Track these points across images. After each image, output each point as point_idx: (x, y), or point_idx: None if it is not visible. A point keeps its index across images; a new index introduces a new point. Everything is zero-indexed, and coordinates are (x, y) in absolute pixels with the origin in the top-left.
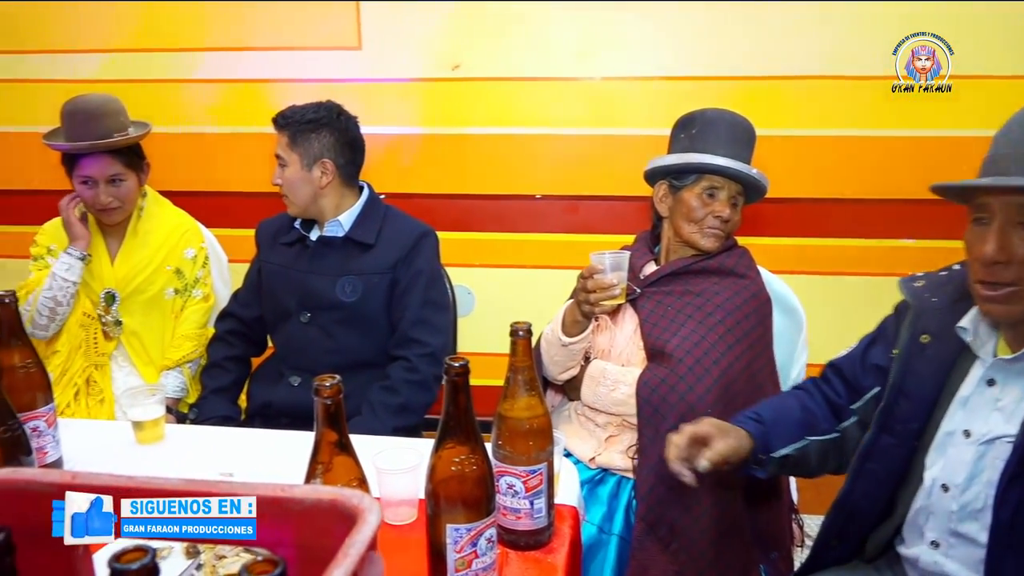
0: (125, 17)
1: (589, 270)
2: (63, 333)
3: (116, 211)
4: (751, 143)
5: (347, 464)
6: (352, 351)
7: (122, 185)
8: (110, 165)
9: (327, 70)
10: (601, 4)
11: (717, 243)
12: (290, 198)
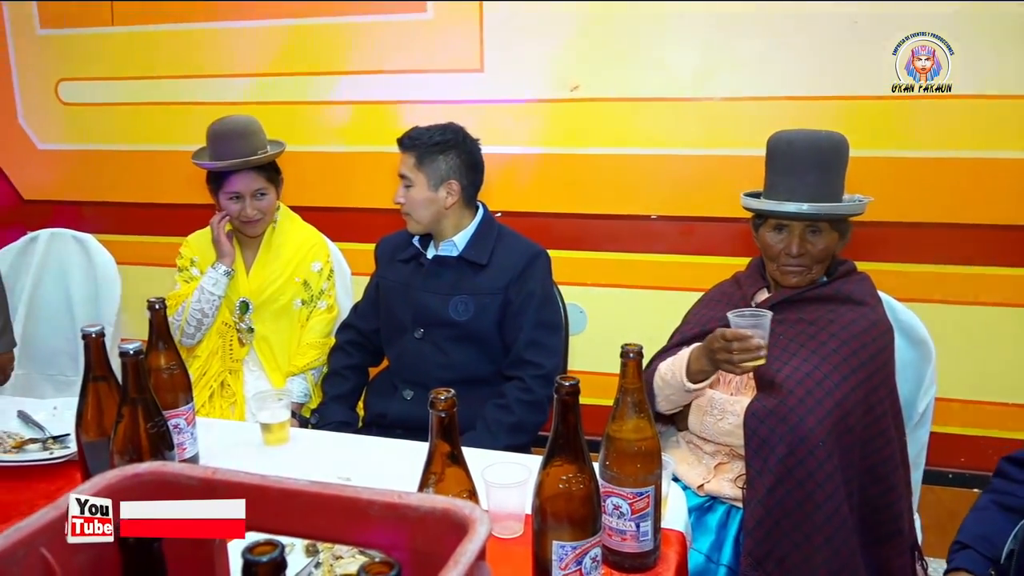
0: (265, 44)
1: (734, 334)
2: (203, 340)
3: (259, 223)
4: (831, 165)
5: (458, 476)
6: (464, 367)
7: (264, 199)
8: (255, 180)
9: (451, 92)
10: (721, 24)
11: (798, 278)
12: (413, 216)
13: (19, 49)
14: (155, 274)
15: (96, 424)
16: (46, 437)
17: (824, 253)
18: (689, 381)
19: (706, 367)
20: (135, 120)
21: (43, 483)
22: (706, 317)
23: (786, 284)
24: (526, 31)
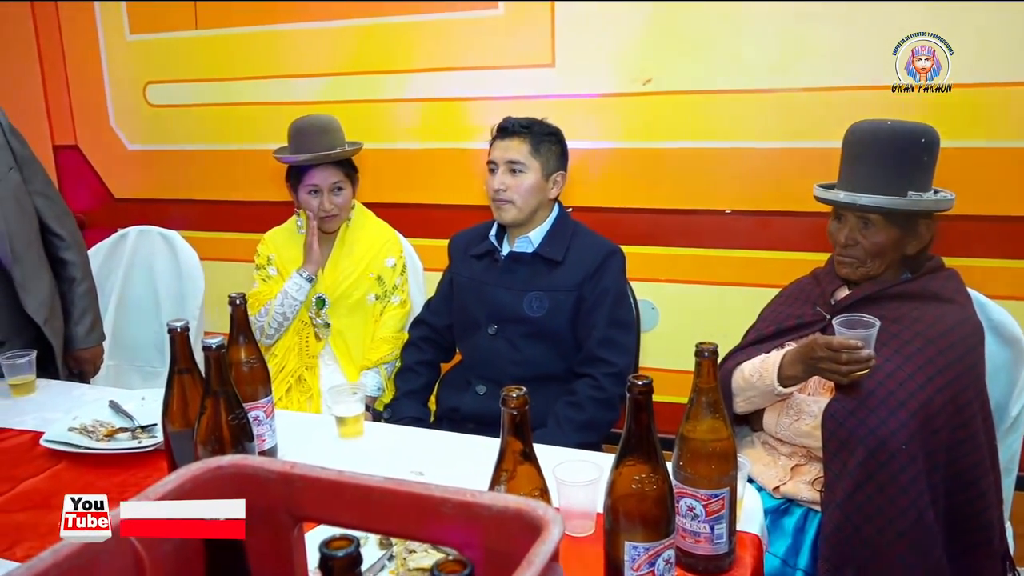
0: (340, 43)
1: (841, 343)
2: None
3: (335, 218)
4: (893, 156)
5: (530, 473)
6: (537, 364)
7: (341, 193)
8: (333, 174)
9: (522, 87)
10: (800, 13)
11: (848, 270)
12: (516, 204)
13: (110, 54)
14: (236, 269)
15: (181, 415)
16: (135, 426)
17: (878, 248)
18: (781, 386)
19: (800, 373)
20: (217, 120)
21: (132, 470)
22: (783, 315)
23: (840, 275)
24: (598, 25)
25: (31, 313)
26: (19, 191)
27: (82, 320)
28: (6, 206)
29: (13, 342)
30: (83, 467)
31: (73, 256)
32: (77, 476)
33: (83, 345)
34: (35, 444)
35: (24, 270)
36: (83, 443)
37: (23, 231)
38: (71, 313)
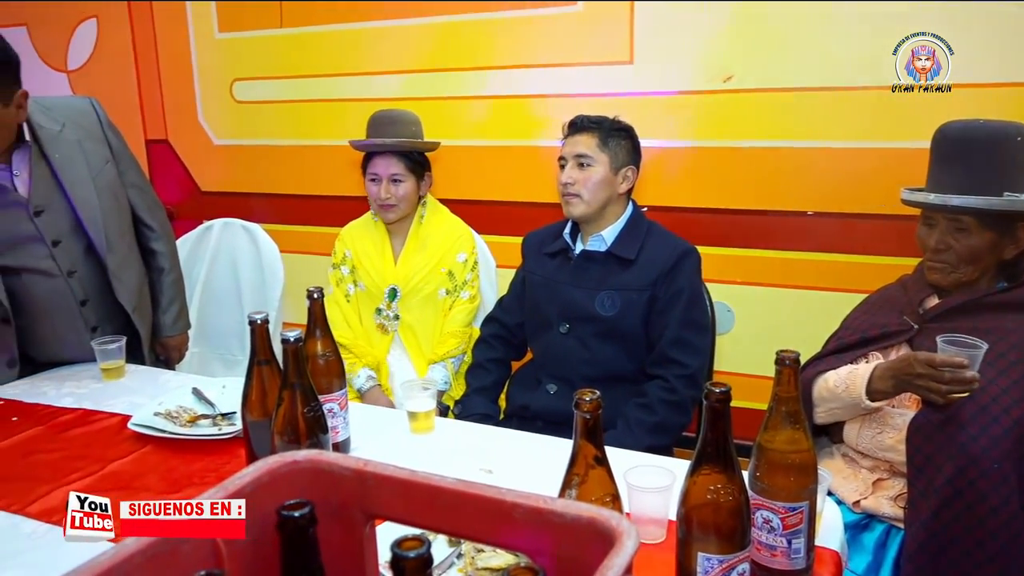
0: (420, 40)
1: (944, 361)
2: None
3: (392, 208)
4: (986, 156)
5: (602, 478)
6: (609, 364)
7: (400, 185)
8: (393, 165)
9: (599, 84)
10: (891, 11)
11: (938, 275)
12: (583, 197)
13: (200, 53)
14: (314, 262)
15: (260, 405)
16: (216, 414)
17: (972, 252)
18: (869, 400)
19: (891, 388)
20: (299, 116)
21: (212, 456)
22: (867, 323)
23: (930, 282)
24: (678, 21)
25: (122, 301)
26: (114, 183)
27: (169, 308)
28: (102, 198)
29: (105, 328)
30: (167, 451)
31: (163, 247)
32: (161, 460)
33: (170, 333)
34: (123, 427)
35: (117, 259)
36: (167, 428)
37: (117, 222)
38: (159, 302)
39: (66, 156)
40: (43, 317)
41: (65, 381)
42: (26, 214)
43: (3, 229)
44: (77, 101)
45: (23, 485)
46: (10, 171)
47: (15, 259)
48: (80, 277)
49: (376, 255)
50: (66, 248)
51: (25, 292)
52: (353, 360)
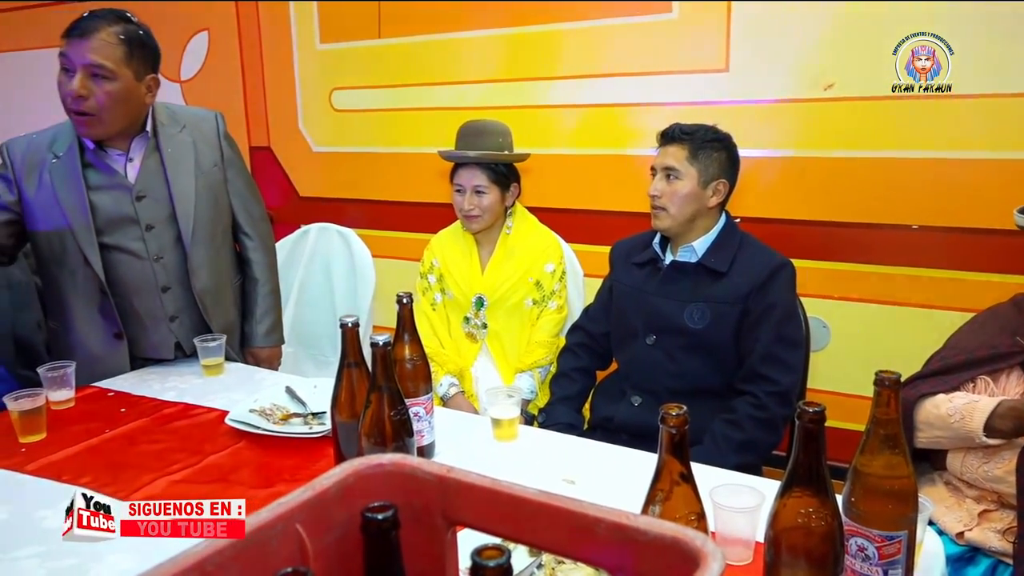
0: (513, 49)
1: None
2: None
3: (476, 219)
4: None
5: (687, 496)
6: (695, 377)
7: (483, 197)
8: (476, 176)
9: (693, 93)
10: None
11: None
12: (670, 211)
13: (302, 63)
14: (404, 267)
15: (348, 406)
16: (307, 413)
17: None
18: (987, 436)
19: (1011, 430)
20: (393, 124)
21: (303, 454)
22: (975, 343)
23: None
24: (776, 27)
25: (195, 293)
26: (217, 187)
27: (263, 320)
28: (200, 195)
29: (182, 318)
30: (260, 447)
31: (259, 258)
32: (254, 456)
33: (261, 344)
34: (220, 422)
35: (199, 254)
36: (261, 425)
37: (209, 220)
38: (253, 311)
39: (177, 152)
40: (130, 296)
41: (169, 376)
42: (129, 197)
43: (109, 208)
44: (203, 112)
45: (128, 473)
46: (125, 157)
47: (113, 238)
48: (165, 264)
49: (464, 264)
50: (157, 234)
51: (117, 270)
52: (436, 369)
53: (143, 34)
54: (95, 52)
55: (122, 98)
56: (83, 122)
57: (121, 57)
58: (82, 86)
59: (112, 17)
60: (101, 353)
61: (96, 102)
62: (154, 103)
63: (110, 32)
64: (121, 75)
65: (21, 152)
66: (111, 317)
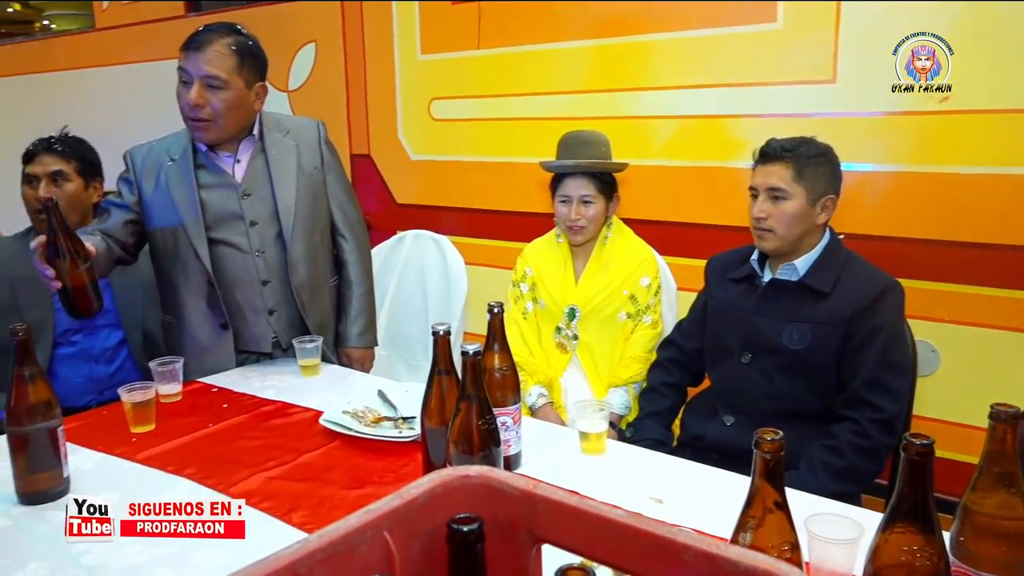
0: (608, 59)
1: None
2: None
3: (581, 230)
4: None
5: (780, 524)
6: (792, 399)
7: (590, 207)
8: (584, 186)
9: (797, 104)
10: None
11: None
12: (777, 233)
13: (403, 73)
14: (497, 275)
15: (438, 413)
16: (397, 417)
17: None
18: None
19: None
20: (489, 133)
21: (392, 457)
22: None
23: None
24: (888, 36)
25: (293, 287)
26: (317, 188)
27: (356, 321)
28: (301, 194)
29: (280, 312)
30: (352, 448)
31: (355, 259)
32: (346, 456)
33: (354, 344)
34: (315, 422)
35: (297, 251)
36: (353, 426)
37: (307, 219)
38: (347, 312)
39: (281, 154)
40: (234, 289)
41: (269, 375)
42: (236, 195)
43: (217, 205)
44: (305, 120)
45: (228, 467)
46: (233, 158)
47: (219, 232)
48: (266, 258)
49: (557, 274)
50: (260, 230)
51: (223, 264)
52: (525, 378)
53: (252, 45)
54: (209, 64)
55: (234, 105)
56: (199, 128)
57: (233, 67)
58: (199, 96)
59: (224, 30)
60: (209, 344)
61: (211, 109)
62: (262, 111)
63: (223, 44)
64: (233, 84)
65: (141, 157)
66: (218, 309)
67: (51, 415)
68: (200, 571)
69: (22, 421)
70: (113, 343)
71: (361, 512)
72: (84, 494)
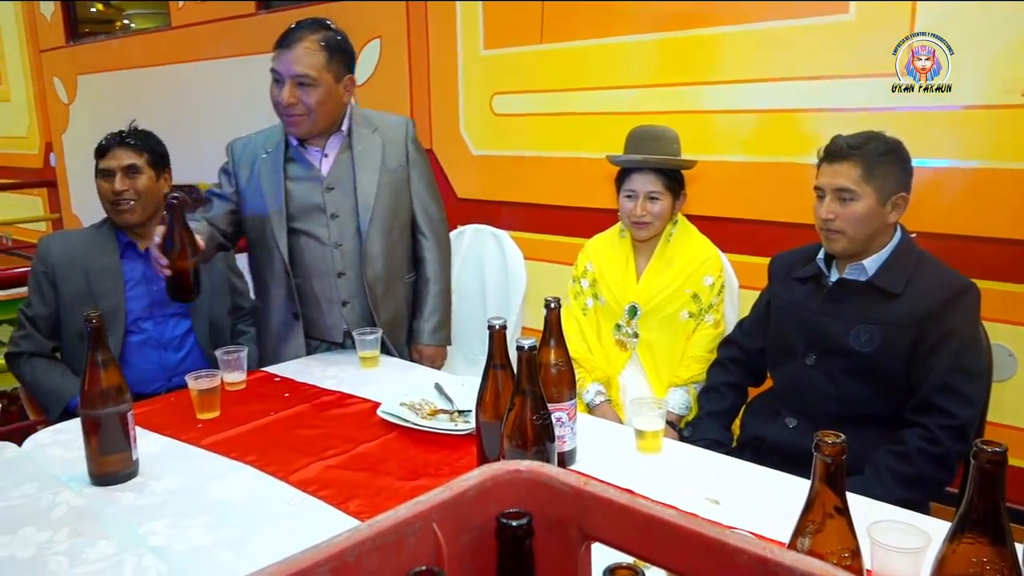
0: (675, 53)
1: None
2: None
3: (646, 226)
4: None
5: (841, 530)
6: (857, 403)
7: (656, 203)
8: (651, 182)
9: (870, 99)
10: None
11: None
12: (847, 234)
13: (466, 68)
14: (555, 271)
15: (493, 407)
16: (453, 410)
17: None
18: None
19: None
20: (550, 128)
21: (448, 449)
22: None
23: None
24: (967, 28)
25: (366, 280)
26: (400, 185)
27: (430, 318)
28: (382, 190)
29: (353, 304)
30: (408, 440)
31: (433, 257)
32: (403, 448)
33: (427, 341)
34: (372, 413)
35: (373, 246)
36: (410, 418)
37: (386, 215)
38: (422, 309)
39: (367, 150)
40: (311, 279)
41: (329, 365)
42: (320, 188)
43: (301, 197)
44: (396, 118)
45: (289, 455)
46: (321, 153)
47: (301, 223)
48: (343, 251)
49: (618, 270)
50: (340, 223)
51: (302, 254)
52: (583, 375)
53: (341, 39)
54: (298, 63)
55: (324, 100)
56: (293, 123)
57: (322, 64)
58: (291, 95)
59: (313, 26)
60: (283, 332)
61: (303, 106)
62: (354, 107)
63: (312, 40)
64: (323, 80)
65: (240, 149)
66: (292, 297)
67: (122, 400)
68: (259, 555)
69: (94, 405)
70: (181, 332)
71: (411, 503)
72: (151, 477)
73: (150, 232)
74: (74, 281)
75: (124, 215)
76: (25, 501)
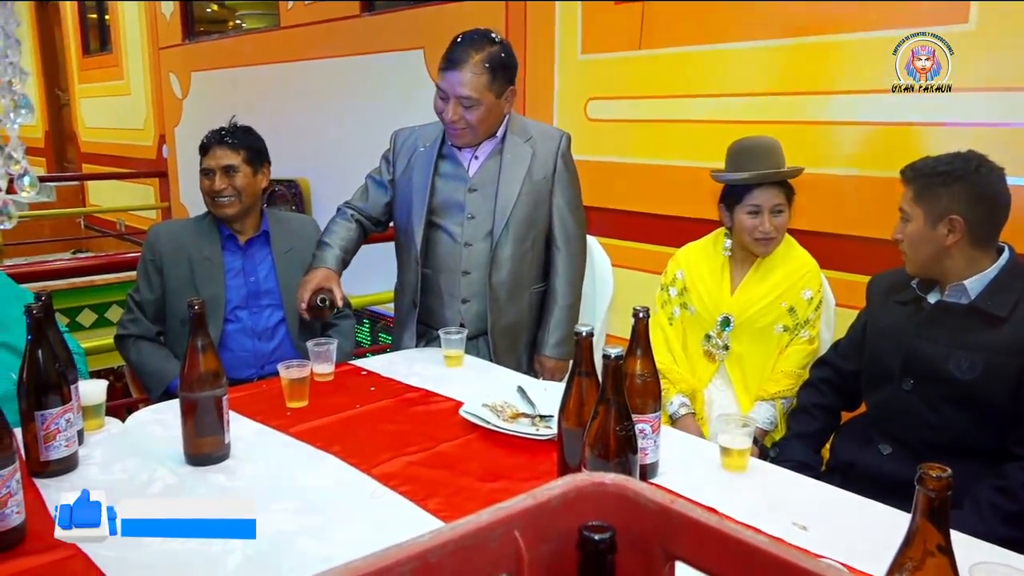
0: (782, 62)
1: None
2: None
3: (772, 241)
4: None
5: (942, 569)
6: (958, 433)
7: (781, 216)
8: (776, 196)
9: (989, 112)
10: None
11: None
12: (909, 255)
13: (562, 73)
14: (643, 279)
15: (576, 414)
16: (535, 414)
17: None
18: None
19: None
20: (645, 135)
21: (528, 453)
22: None
23: None
24: None
25: (491, 284)
26: (541, 196)
27: (554, 332)
28: (521, 199)
29: (471, 303)
30: (489, 441)
31: (563, 271)
32: (483, 449)
33: (548, 353)
34: (454, 413)
35: (502, 251)
36: (491, 420)
37: (522, 224)
38: (547, 321)
39: (516, 157)
40: (439, 272)
41: (415, 363)
42: (464, 188)
43: (445, 193)
44: (552, 130)
45: (371, 449)
46: (472, 154)
47: (439, 218)
48: (472, 251)
49: (712, 281)
50: (475, 224)
51: (435, 248)
52: (668, 386)
53: (504, 56)
54: (463, 86)
55: (486, 117)
56: (455, 135)
57: (485, 84)
58: (454, 113)
59: (478, 42)
60: (404, 319)
61: (466, 122)
62: (510, 116)
63: (476, 61)
64: (485, 100)
65: (402, 140)
66: (414, 287)
67: (218, 384)
68: (340, 545)
69: (193, 388)
70: (274, 322)
71: (493, 508)
72: (241, 460)
73: (247, 224)
74: (179, 270)
75: (222, 209)
76: (125, 476)
